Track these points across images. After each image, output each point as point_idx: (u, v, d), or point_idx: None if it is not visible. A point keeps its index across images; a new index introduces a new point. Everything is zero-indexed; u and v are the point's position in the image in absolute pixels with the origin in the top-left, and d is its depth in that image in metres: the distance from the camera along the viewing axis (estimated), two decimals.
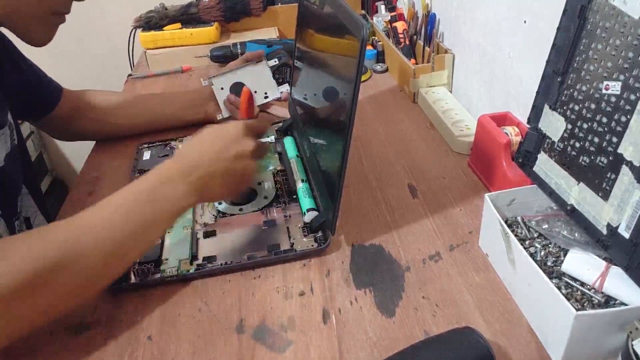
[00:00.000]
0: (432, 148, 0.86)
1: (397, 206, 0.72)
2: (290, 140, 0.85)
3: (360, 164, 0.83)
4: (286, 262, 0.63)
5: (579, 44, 0.52)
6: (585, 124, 0.52)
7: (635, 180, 0.45)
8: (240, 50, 1.22)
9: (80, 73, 1.65)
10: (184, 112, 0.93)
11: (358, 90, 0.54)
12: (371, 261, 0.63)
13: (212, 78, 0.88)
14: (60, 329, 0.56)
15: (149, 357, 0.52)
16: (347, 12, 0.57)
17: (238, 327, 0.55)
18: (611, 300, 0.50)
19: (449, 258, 0.62)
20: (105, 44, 1.64)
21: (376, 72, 1.17)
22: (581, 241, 0.55)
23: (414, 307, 0.56)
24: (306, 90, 0.82)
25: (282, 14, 1.38)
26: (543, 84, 0.58)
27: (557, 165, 0.56)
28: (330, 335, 0.53)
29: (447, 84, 1.01)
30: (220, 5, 1.30)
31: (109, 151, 0.91)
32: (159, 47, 1.28)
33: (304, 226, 0.67)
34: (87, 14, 1.60)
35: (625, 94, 0.46)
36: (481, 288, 0.58)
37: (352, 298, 0.58)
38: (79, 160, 1.83)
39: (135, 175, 0.81)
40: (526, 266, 0.51)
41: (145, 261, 0.62)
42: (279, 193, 0.74)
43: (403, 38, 1.10)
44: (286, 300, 0.58)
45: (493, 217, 0.57)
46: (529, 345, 0.51)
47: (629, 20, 0.46)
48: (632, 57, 0.46)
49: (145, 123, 0.93)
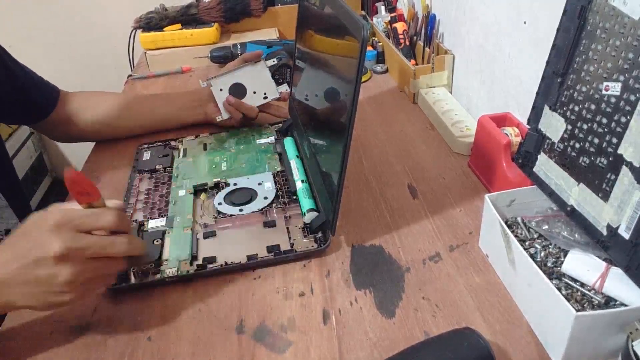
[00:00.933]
0: (432, 149, 0.86)
1: (397, 207, 0.72)
2: (290, 140, 0.85)
3: (360, 164, 0.83)
4: (286, 263, 0.63)
5: (579, 44, 0.53)
6: (585, 125, 0.52)
7: (635, 181, 0.45)
8: (240, 51, 1.23)
9: (81, 73, 1.65)
10: (183, 113, 0.93)
11: (358, 91, 0.54)
12: (371, 262, 0.63)
13: (210, 79, 0.87)
14: (60, 329, 0.56)
15: (148, 357, 0.52)
16: (347, 12, 0.57)
17: (238, 328, 0.55)
18: (611, 301, 0.50)
19: (449, 259, 0.62)
20: (105, 45, 1.64)
21: (376, 73, 1.17)
22: (581, 242, 0.55)
23: (414, 308, 0.56)
24: (306, 91, 0.82)
25: (282, 14, 1.39)
26: (543, 84, 0.58)
27: (557, 166, 0.56)
28: (330, 335, 0.53)
29: (447, 84, 1.01)
30: (220, 6, 1.30)
31: (109, 151, 0.91)
32: (159, 48, 1.28)
33: (304, 227, 0.67)
34: (87, 15, 1.60)
35: (625, 94, 0.46)
36: (481, 289, 0.58)
37: (352, 299, 0.58)
38: (79, 160, 1.83)
39: (136, 175, 0.81)
40: (526, 267, 0.51)
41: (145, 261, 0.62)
42: (278, 193, 0.74)
43: (403, 39, 1.10)
44: (286, 300, 0.58)
45: (493, 218, 0.57)
46: (529, 346, 0.51)
47: (628, 21, 0.46)
48: (632, 58, 0.46)
49: (144, 125, 0.93)
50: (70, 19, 1.60)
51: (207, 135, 0.92)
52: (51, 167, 1.82)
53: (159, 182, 0.79)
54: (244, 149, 0.86)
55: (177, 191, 0.76)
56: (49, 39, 1.59)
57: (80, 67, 1.65)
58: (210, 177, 0.78)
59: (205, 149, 0.87)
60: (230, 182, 0.77)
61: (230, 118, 0.89)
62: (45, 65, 1.71)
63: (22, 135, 1.63)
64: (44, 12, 1.56)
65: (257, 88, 0.88)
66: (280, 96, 0.90)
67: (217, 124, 0.91)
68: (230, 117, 0.89)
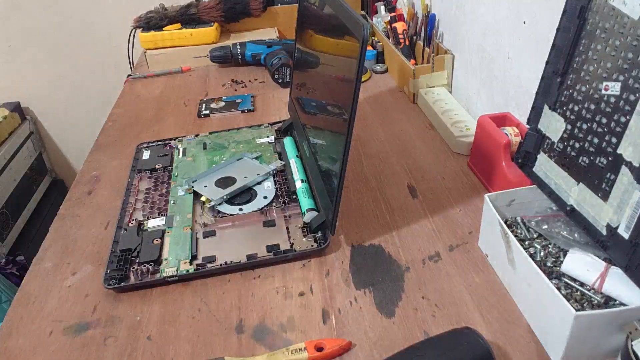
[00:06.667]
0: (431, 148, 0.86)
1: (396, 206, 0.72)
2: (289, 140, 0.85)
3: (360, 164, 0.83)
4: (286, 262, 0.63)
5: (579, 44, 0.53)
6: (585, 125, 0.52)
7: (634, 180, 0.45)
8: (240, 51, 1.23)
9: (80, 73, 1.65)
10: None
11: (358, 91, 0.54)
12: (371, 261, 0.63)
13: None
14: (60, 329, 0.56)
15: (148, 357, 0.52)
16: (347, 12, 0.57)
17: (237, 327, 0.55)
18: (611, 301, 0.50)
19: (449, 258, 0.62)
20: (105, 44, 1.64)
21: (376, 73, 1.17)
22: (581, 242, 0.55)
23: (413, 308, 0.56)
24: (306, 91, 0.82)
25: (282, 14, 1.38)
26: (543, 84, 0.58)
27: (557, 165, 0.56)
28: (329, 335, 0.53)
29: (447, 84, 1.01)
30: (220, 6, 1.30)
31: (109, 151, 0.91)
32: (158, 48, 1.28)
33: (303, 226, 0.67)
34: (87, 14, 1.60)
35: (625, 94, 0.46)
36: (481, 288, 0.58)
37: (352, 298, 0.58)
38: (78, 160, 1.83)
39: (135, 174, 0.81)
40: (526, 266, 0.51)
41: (145, 261, 0.62)
42: (278, 193, 0.74)
43: (403, 39, 1.10)
44: (286, 300, 0.58)
45: (493, 218, 0.57)
46: (529, 346, 0.51)
47: (628, 21, 0.46)
48: (632, 58, 0.46)
49: None
50: (70, 18, 1.59)
51: (206, 134, 0.92)
52: (51, 167, 1.82)
53: (158, 182, 0.79)
54: (244, 148, 0.86)
55: (176, 190, 0.76)
56: (48, 38, 1.59)
57: (79, 67, 1.65)
58: None
59: (205, 148, 0.87)
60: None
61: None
62: (45, 64, 1.71)
63: (22, 135, 1.63)
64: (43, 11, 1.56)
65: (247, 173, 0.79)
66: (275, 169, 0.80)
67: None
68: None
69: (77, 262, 0.66)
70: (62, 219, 0.74)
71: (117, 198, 0.76)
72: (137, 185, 0.78)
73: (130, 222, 0.70)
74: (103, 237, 0.69)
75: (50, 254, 0.68)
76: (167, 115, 1.04)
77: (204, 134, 0.92)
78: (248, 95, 1.08)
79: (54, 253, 0.68)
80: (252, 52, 1.22)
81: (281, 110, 1.02)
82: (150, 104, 1.09)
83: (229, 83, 1.17)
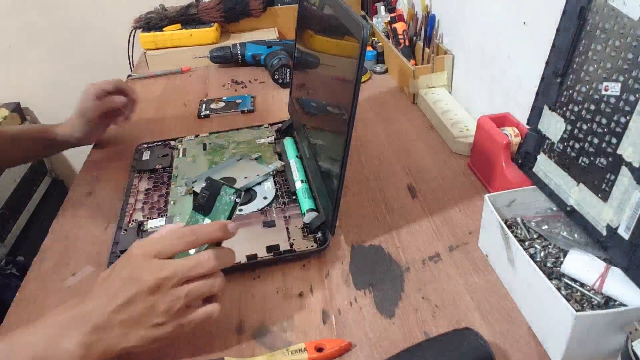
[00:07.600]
0: (431, 149, 0.86)
1: (396, 207, 0.72)
2: (290, 140, 0.85)
3: (360, 164, 0.83)
4: (286, 263, 0.63)
5: (579, 45, 0.53)
6: (585, 125, 0.52)
7: (634, 181, 0.45)
8: (240, 51, 1.23)
9: (80, 73, 1.65)
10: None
11: (358, 91, 0.54)
12: (371, 262, 0.63)
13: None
14: None
15: (148, 357, 0.52)
16: (347, 12, 0.57)
17: (238, 328, 0.55)
18: (611, 301, 0.50)
19: (449, 259, 0.62)
20: (105, 45, 1.64)
21: (376, 73, 1.17)
22: (581, 242, 0.55)
23: (413, 308, 0.56)
24: (306, 91, 0.82)
25: (281, 14, 1.39)
26: (542, 84, 0.58)
27: (557, 166, 0.56)
28: (329, 335, 0.53)
29: (447, 85, 1.01)
30: (220, 6, 1.30)
31: (109, 151, 0.91)
32: (158, 48, 1.28)
33: (303, 227, 0.67)
34: (87, 15, 1.60)
35: (625, 95, 0.46)
36: (481, 289, 0.58)
37: (352, 299, 0.58)
38: (78, 161, 1.82)
39: (135, 174, 0.81)
40: (526, 267, 0.51)
41: None
42: (278, 194, 0.74)
43: (403, 39, 1.10)
44: (286, 300, 0.58)
45: (493, 218, 0.57)
46: (529, 346, 0.51)
47: (628, 21, 0.46)
48: (632, 58, 0.46)
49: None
50: (70, 19, 1.60)
51: (206, 135, 0.92)
52: (51, 167, 1.82)
53: (158, 182, 0.79)
54: (244, 148, 0.86)
55: (176, 191, 0.76)
56: (48, 38, 1.59)
57: (79, 67, 1.65)
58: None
59: (205, 148, 0.87)
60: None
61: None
62: (45, 64, 1.71)
63: None
64: (43, 11, 1.56)
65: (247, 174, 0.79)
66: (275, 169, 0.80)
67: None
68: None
69: (77, 262, 0.66)
70: (62, 219, 0.74)
71: (117, 198, 0.76)
72: (137, 185, 0.78)
73: (130, 223, 0.70)
74: (103, 238, 0.69)
75: (50, 254, 0.67)
76: (167, 115, 1.04)
77: (204, 135, 0.92)
78: (248, 96, 1.08)
79: (53, 253, 0.68)
80: (252, 52, 1.22)
81: (281, 110, 1.02)
82: (150, 104, 1.09)
83: (229, 83, 1.17)
